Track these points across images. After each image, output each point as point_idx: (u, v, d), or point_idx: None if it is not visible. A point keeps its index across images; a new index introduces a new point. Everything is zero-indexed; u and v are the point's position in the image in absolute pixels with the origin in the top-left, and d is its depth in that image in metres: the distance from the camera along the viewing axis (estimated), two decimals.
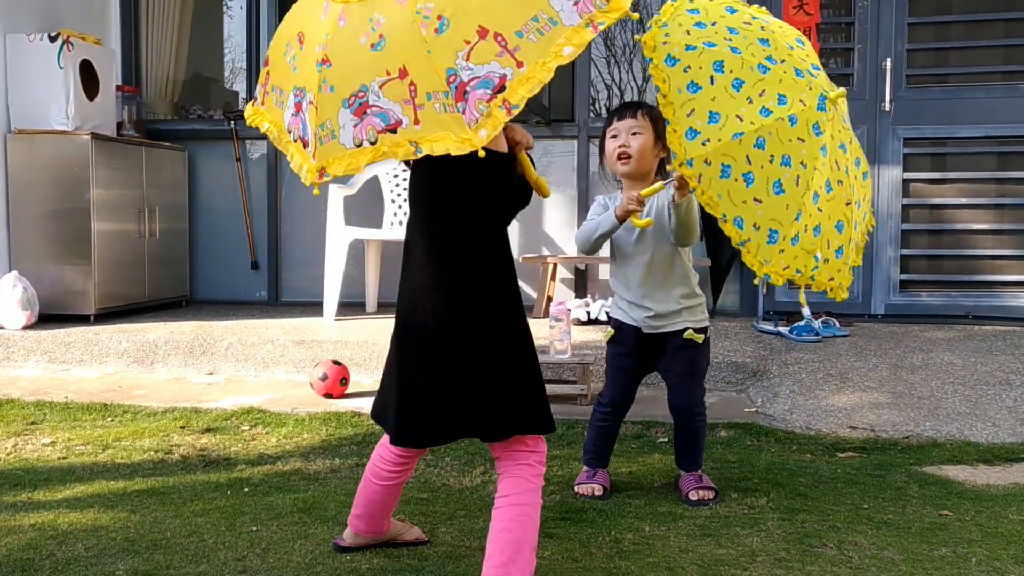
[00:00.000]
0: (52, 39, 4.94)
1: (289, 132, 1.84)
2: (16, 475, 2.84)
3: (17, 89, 5.00)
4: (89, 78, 5.14)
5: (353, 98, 1.67)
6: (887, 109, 5.17)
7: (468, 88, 1.60)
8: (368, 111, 1.66)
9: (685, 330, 2.62)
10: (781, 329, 4.70)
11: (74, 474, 2.87)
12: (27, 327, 4.75)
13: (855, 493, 2.68)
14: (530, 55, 1.61)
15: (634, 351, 2.69)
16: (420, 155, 1.64)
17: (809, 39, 5.12)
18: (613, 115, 2.62)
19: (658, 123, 2.52)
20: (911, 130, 5.20)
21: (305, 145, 1.77)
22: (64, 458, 3.04)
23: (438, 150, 1.63)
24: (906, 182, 5.24)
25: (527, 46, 1.60)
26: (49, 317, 4.90)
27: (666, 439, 3.24)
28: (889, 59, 5.14)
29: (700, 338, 2.65)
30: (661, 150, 2.58)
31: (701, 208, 2.30)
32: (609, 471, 2.77)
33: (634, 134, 2.54)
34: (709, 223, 5.32)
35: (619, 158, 2.55)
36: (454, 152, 1.62)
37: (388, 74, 1.64)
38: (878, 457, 3.06)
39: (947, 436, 3.27)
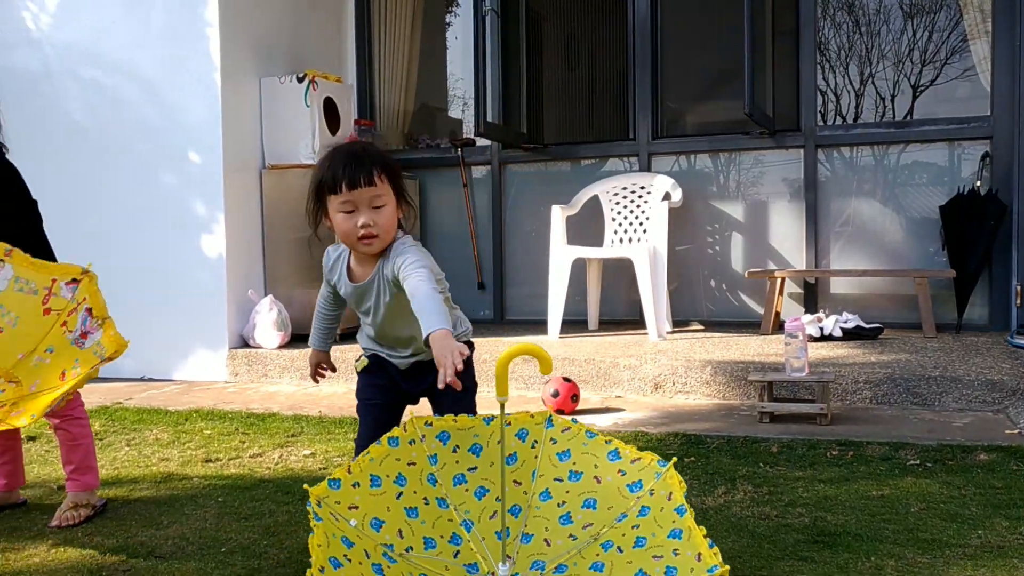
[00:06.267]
0: (300, 80, 5.36)
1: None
2: (285, 483, 3.08)
3: (271, 128, 5.45)
4: (331, 114, 5.53)
5: None
6: None
7: None
8: None
9: None
10: None
11: None
12: (281, 346, 5.17)
13: None
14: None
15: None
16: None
17: None
18: (339, 176, 1.98)
19: (396, 177, 2.02)
20: None
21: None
22: (324, 468, 3.27)
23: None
24: None
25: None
26: (300, 337, 5.28)
27: (917, 461, 3.06)
28: None
29: None
30: (401, 211, 2.07)
31: (940, 214, 2.12)
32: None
33: (376, 207, 2.00)
34: (951, 229, 5.01)
35: (362, 239, 2.02)
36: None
37: None
38: None
39: None
